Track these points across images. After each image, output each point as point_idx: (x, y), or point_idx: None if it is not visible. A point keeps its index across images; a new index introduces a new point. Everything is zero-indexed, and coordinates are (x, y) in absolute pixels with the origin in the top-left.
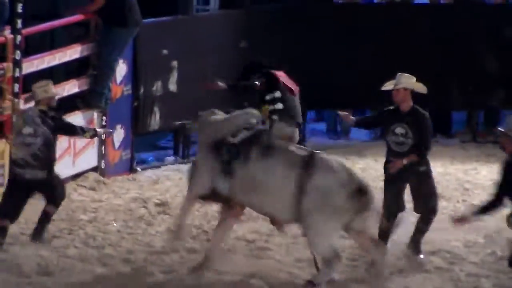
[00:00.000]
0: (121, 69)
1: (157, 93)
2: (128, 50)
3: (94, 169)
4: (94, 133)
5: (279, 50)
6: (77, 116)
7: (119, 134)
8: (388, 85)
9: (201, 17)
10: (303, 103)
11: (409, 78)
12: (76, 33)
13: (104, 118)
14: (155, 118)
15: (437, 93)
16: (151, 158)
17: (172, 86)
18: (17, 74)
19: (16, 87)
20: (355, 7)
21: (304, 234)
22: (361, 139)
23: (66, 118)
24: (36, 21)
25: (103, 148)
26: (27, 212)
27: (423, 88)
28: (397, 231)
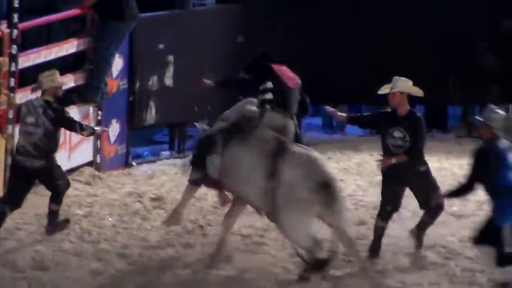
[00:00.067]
0: (117, 63)
1: (153, 87)
2: (125, 45)
3: (90, 164)
4: (91, 131)
5: (275, 45)
6: (72, 110)
7: (114, 128)
8: (384, 89)
9: (197, 11)
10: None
11: (405, 81)
12: (73, 28)
13: (100, 112)
14: (151, 113)
15: (433, 88)
16: (146, 152)
17: (168, 81)
18: (13, 68)
19: (12, 82)
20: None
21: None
22: (357, 134)
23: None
24: (33, 15)
25: (98, 142)
26: (23, 207)
27: (419, 92)
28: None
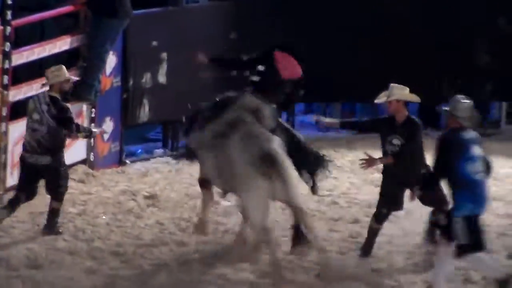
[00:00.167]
0: (110, 60)
1: (146, 85)
2: (118, 42)
3: (83, 162)
4: (88, 133)
5: (268, 42)
6: None
7: (108, 126)
8: (381, 97)
9: (191, 8)
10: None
11: (401, 89)
12: (66, 25)
13: (93, 110)
14: (144, 110)
15: (426, 86)
16: (140, 150)
17: (162, 78)
18: (6, 65)
19: (6, 79)
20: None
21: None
22: (351, 132)
23: None
24: (26, 12)
25: (92, 140)
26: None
27: (416, 98)
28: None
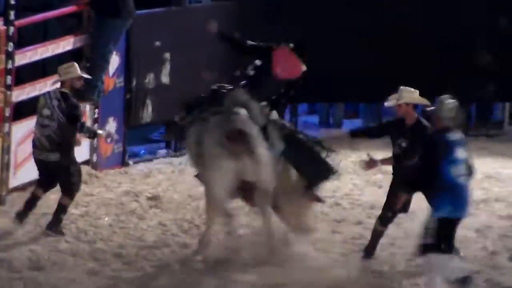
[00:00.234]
0: (113, 61)
1: (149, 85)
2: (121, 42)
3: (86, 163)
4: (93, 134)
5: (271, 42)
6: None
7: (111, 127)
8: (391, 99)
9: (194, 8)
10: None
11: (410, 92)
12: (69, 25)
13: (96, 110)
14: (147, 111)
15: (429, 86)
16: (143, 151)
17: (165, 78)
18: (9, 66)
19: (9, 79)
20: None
21: None
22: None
23: None
24: (29, 12)
25: (95, 141)
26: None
27: (424, 101)
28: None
